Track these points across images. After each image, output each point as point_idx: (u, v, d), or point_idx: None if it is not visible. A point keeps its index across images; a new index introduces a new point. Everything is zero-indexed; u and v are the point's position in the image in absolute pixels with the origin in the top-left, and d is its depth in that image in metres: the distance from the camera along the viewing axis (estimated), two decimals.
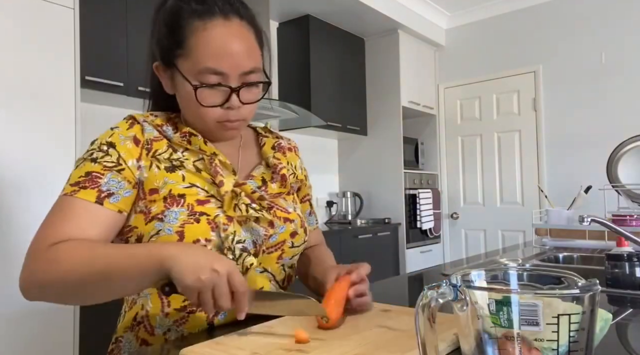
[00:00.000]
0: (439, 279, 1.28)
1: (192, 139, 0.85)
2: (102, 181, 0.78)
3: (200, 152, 0.86)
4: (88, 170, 0.78)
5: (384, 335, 0.68)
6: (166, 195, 0.80)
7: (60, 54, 1.91)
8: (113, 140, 0.81)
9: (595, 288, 0.42)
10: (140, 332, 0.83)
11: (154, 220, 0.79)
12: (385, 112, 4.04)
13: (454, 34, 4.37)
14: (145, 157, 0.82)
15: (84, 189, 0.77)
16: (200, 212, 0.80)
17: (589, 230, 1.79)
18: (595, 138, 3.57)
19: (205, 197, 0.82)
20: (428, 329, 0.45)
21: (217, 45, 0.78)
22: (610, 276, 1.06)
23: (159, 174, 0.81)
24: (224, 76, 0.79)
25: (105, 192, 0.77)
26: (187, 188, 0.82)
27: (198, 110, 0.82)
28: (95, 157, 0.80)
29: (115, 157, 0.80)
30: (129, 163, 0.80)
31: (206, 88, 0.79)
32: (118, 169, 0.79)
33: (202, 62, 0.78)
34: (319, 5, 3.48)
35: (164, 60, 0.84)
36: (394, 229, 3.87)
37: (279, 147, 0.99)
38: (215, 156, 0.85)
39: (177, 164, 0.83)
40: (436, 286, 0.45)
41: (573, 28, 3.73)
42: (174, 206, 0.80)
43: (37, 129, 1.83)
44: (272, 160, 0.94)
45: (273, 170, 0.93)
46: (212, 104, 0.81)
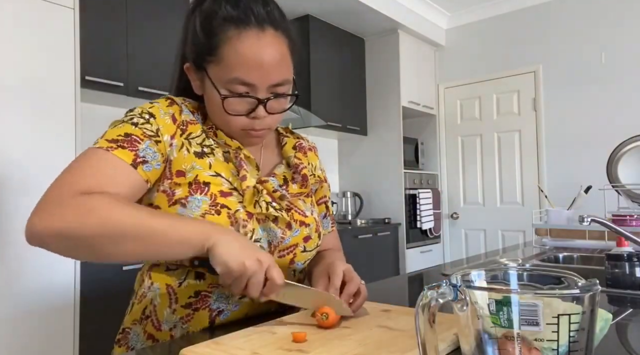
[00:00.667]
0: (439, 279, 1.28)
1: (218, 132, 0.87)
2: (141, 146, 0.77)
3: (225, 146, 0.87)
4: (128, 132, 0.78)
5: (384, 335, 0.68)
6: (192, 180, 0.80)
7: (60, 54, 1.91)
8: (154, 111, 0.82)
9: (595, 288, 0.42)
10: (147, 326, 0.83)
11: (177, 204, 0.79)
12: (385, 112, 4.04)
13: (454, 34, 4.37)
14: (179, 137, 0.82)
15: (122, 148, 0.76)
16: (222, 204, 0.80)
17: (589, 230, 1.79)
18: (595, 138, 3.57)
19: (229, 189, 0.82)
20: (428, 329, 0.45)
21: (249, 57, 0.78)
22: (610, 276, 1.06)
23: (188, 157, 0.82)
24: (252, 87, 0.79)
25: (141, 158, 0.77)
26: (213, 177, 0.82)
27: (223, 117, 0.83)
28: (137, 122, 0.79)
29: (155, 128, 0.80)
30: (165, 137, 0.80)
31: (233, 98, 0.80)
32: (156, 140, 0.79)
33: (232, 72, 0.78)
34: (319, 5, 3.48)
35: (196, 63, 0.84)
36: (394, 229, 3.87)
37: (300, 147, 0.99)
38: (240, 150, 0.86)
39: (208, 151, 0.84)
40: (436, 286, 0.45)
41: (573, 28, 3.73)
42: (197, 193, 0.80)
43: (37, 128, 1.83)
44: (293, 160, 0.95)
45: (294, 170, 0.94)
46: (238, 113, 0.82)
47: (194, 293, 0.82)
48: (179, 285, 0.83)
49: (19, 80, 1.79)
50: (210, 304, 0.82)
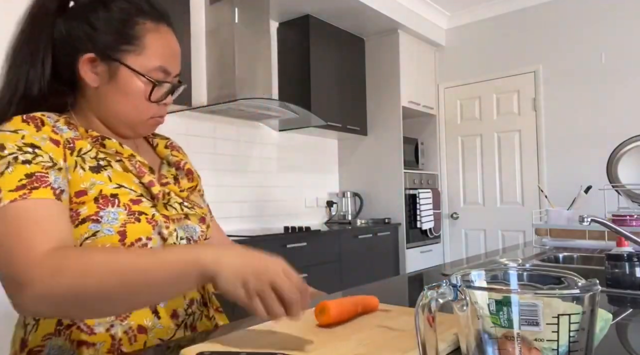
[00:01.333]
0: (439, 279, 1.28)
1: (105, 142, 0.82)
2: (50, 179, 0.72)
3: (117, 155, 0.84)
4: (27, 172, 0.70)
5: (384, 335, 0.68)
6: (97, 195, 0.77)
7: None
8: (30, 141, 0.74)
9: (595, 288, 0.42)
10: (74, 334, 0.75)
11: (87, 222, 0.75)
12: (385, 112, 4.04)
13: (454, 34, 4.37)
14: (70, 156, 0.77)
15: (35, 189, 0.69)
16: (138, 212, 0.79)
17: (589, 230, 1.79)
18: (595, 138, 3.57)
19: (137, 196, 0.81)
20: (428, 329, 0.45)
21: (171, 47, 0.86)
22: (610, 276, 1.06)
23: (85, 175, 0.77)
24: (168, 75, 0.86)
25: (58, 189, 0.72)
26: (117, 188, 0.79)
27: (140, 105, 0.84)
28: (25, 159, 0.71)
29: (48, 157, 0.74)
30: (60, 163, 0.75)
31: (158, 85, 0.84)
32: (57, 168, 0.74)
33: (156, 61, 0.83)
34: (319, 5, 3.48)
35: (104, 53, 0.81)
36: (394, 229, 3.87)
37: (172, 146, 1.02)
38: (133, 157, 0.85)
39: (104, 164, 0.80)
40: (436, 286, 0.45)
41: (573, 28, 3.73)
42: (108, 206, 0.77)
43: None
44: (172, 159, 0.97)
45: (177, 167, 0.96)
46: (159, 99, 0.86)
47: None
48: None
49: None
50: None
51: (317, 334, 0.69)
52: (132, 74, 0.82)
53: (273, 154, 3.69)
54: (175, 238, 0.82)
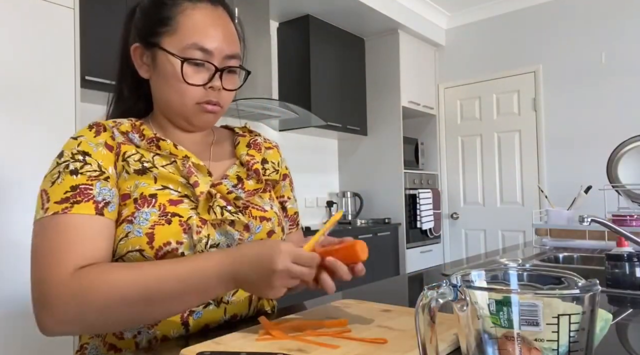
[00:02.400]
0: (439, 279, 1.28)
1: (160, 143, 0.82)
2: (94, 192, 0.73)
3: (171, 156, 0.83)
4: (73, 184, 0.73)
5: (384, 335, 0.68)
6: (137, 197, 0.77)
7: (60, 54, 1.91)
8: (84, 148, 0.77)
9: (595, 288, 0.42)
10: (107, 337, 0.78)
11: (123, 223, 0.76)
12: (385, 112, 4.04)
13: (454, 34, 4.37)
14: (118, 162, 0.79)
15: (77, 203, 0.71)
16: (172, 213, 0.77)
17: (589, 231, 1.79)
18: (595, 138, 3.57)
19: (178, 197, 0.79)
20: (428, 329, 0.45)
21: (205, 24, 0.81)
22: (610, 276, 1.06)
23: (129, 178, 0.78)
24: (209, 54, 0.81)
25: (102, 202, 0.74)
26: (160, 190, 0.79)
27: (180, 89, 0.81)
28: (74, 168, 0.74)
29: (96, 165, 0.76)
30: (109, 170, 0.77)
31: (191, 66, 0.80)
32: (104, 177, 0.76)
33: (189, 38, 0.79)
34: (319, 5, 3.48)
35: (145, 40, 0.83)
36: (394, 229, 3.87)
37: (254, 144, 0.97)
38: (187, 159, 0.83)
39: (149, 166, 0.80)
40: (436, 286, 0.45)
41: (573, 28, 3.73)
42: (144, 207, 0.76)
43: (37, 129, 1.83)
44: (244, 157, 0.92)
45: (247, 167, 0.91)
46: (196, 82, 0.81)
47: None
48: None
49: (18, 80, 1.79)
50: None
51: (318, 334, 0.69)
52: (165, 55, 0.80)
53: None
54: (203, 245, 0.78)
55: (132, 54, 0.85)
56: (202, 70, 0.81)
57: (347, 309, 0.82)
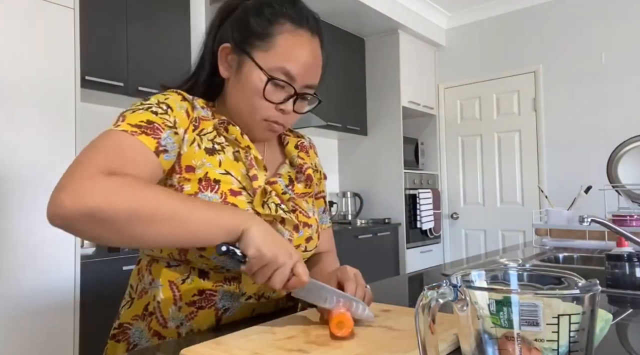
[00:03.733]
0: (439, 279, 1.28)
1: (229, 127, 0.86)
2: (162, 135, 0.76)
3: (235, 143, 0.86)
4: (150, 119, 0.76)
5: (384, 335, 0.68)
6: (202, 177, 0.80)
7: (60, 54, 1.91)
8: (170, 103, 0.81)
9: (595, 288, 0.42)
10: (152, 322, 0.82)
11: None
12: (385, 112, 4.04)
13: (454, 34, 4.37)
14: (191, 132, 0.82)
15: (146, 134, 0.75)
16: (232, 204, 0.80)
17: (589, 231, 1.79)
18: (595, 138, 3.57)
19: (239, 188, 0.82)
20: (428, 329, 0.45)
21: (299, 52, 0.84)
22: (610, 276, 1.06)
23: (199, 153, 0.81)
24: (292, 80, 0.83)
25: (163, 147, 0.76)
26: (223, 175, 0.82)
27: (255, 102, 0.83)
28: (156, 110, 0.78)
29: (173, 119, 0.79)
30: (180, 130, 0.80)
31: (274, 85, 0.83)
32: (175, 131, 0.79)
33: (280, 61, 0.82)
34: (319, 5, 3.47)
35: (239, 46, 0.84)
36: (394, 229, 3.87)
37: (302, 146, 1.00)
38: (249, 149, 0.86)
39: (218, 148, 0.84)
40: (436, 286, 0.45)
41: (573, 28, 3.73)
42: (208, 190, 0.79)
43: (37, 128, 1.83)
44: (297, 160, 0.96)
45: (298, 170, 0.95)
46: (273, 100, 0.83)
47: (198, 292, 0.82)
48: (182, 282, 0.82)
49: (18, 80, 1.79)
50: (215, 303, 0.82)
51: (317, 334, 0.69)
52: (253, 67, 0.82)
53: None
54: None
55: (220, 51, 0.86)
56: (281, 91, 0.84)
57: None
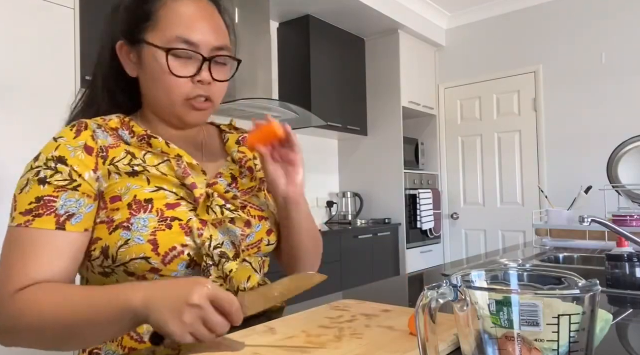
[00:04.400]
0: (439, 279, 1.28)
1: (152, 141, 0.80)
2: (58, 204, 0.71)
3: (163, 155, 0.80)
4: (38, 195, 0.71)
5: (384, 335, 0.68)
6: (130, 201, 0.74)
7: (60, 54, 1.91)
8: (60, 153, 0.74)
9: (595, 288, 0.42)
10: (125, 341, 0.77)
11: (118, 229, 0.73)
12: (385, 112, 4.04)
13: (454, 34, 4.37)
14: (102, 165, 0.76)
15: (39, 216, 0.70)
16: (171, 217, 0.75)
17: (589, 231, 1.79)
18: (595, 138, 3.57)
19: (175, 200, 0.77)
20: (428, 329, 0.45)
21: (188, 16, 0.78)
22: (610, 276, 1.06)
23: (120, 181, 0.76)
24: (195, 46, 0.78)
25: (64, 215, 0.71)
26: (154, 192, 0.76)
27: (167, 83, 0.78)
28: (44, 176, 0.72)
29: (67, 173, 0.73)
30: (86, 176, 0.74)
31: (177, 59, 0.78)
32: (73, 186, 0.73)
33: (172, 31, 0.77)
34: (319, 5, 3.48)
35: (129, 37, 0.80)
36: (394, 229, 3.87)
37: (244, 140, 0.95)
38: (180, 158, 0.81)
39: (140, 169, 0.77)
40: (436, 286, 0.45)
41: (573, 28, 3.73)
42: (140, 212, 0.74)
43: (37, 129, 1.83)
44: (236, 155, 0.91)
45: (239, 165, 0.90)
46: (183, 74, 0.78)
47: None
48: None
49: (18, 80, 1.79)
50: None
51: (318, 335, 0.69)
52: (151, 49, 0.78)
53: None
54: (207, 247, 0.76)
55: (118, 51, 0.83)
56: (190, 62, 0.79)
57: (347, 309, 0.82)
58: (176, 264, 0.75)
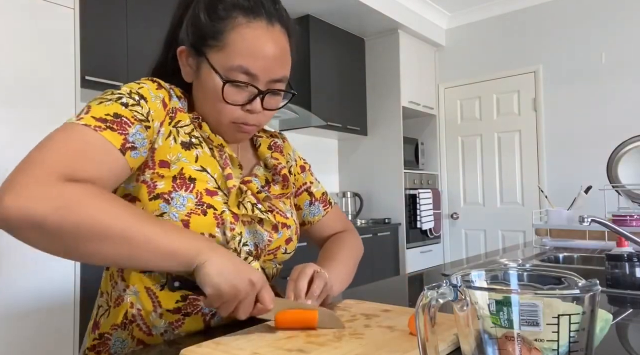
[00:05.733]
0: (439, 279, 1.28)
1: (203, 124, 0.82)
2: (131, 130, 0.70)
3: (208, 141, 0.82)
4: (117, 112, 0.70)
5: (384, 335, 0.68)
6: (176, 174, 0.75)
7: (60, 54, 1.91)
8: (144, 93, 0.75)
9: (595, 288, 0.42)
10: (135, 331, 0.78)
11: (159, 199, 0.74)
12: (385, 112, 4.04)
13: (454, 34, 4.37)
14: (167, 125, 0.77)
15: (111, 130, 0.69)
16: (208, 204, 0.76)
17: (589, 231, 1.80)
18: (595, 138, 3.57)
19: (214, 187, 0.78)
20: (428, 329, 0.45)
21: (255, 46, 0.76)
22: (610, 276, 1.06)
23: (174, 147, 0.77)
24: (253, 78, 0.77)
25: (130, 143, 0.70)
26: (199, 171, 0.77)
27: (218, 106, 0.78)
28: (126, 102, 0.72)
29: (146, 111, 0.74)
30: (155, 124, 0.75)
31: (234, 86, 0.77)
32: (146, 125, 0.73)
33: (236, 60, 0.75)
34: (319, 5, 3.48)
35: (194, 47, 0.79)
36: (394, 229, 3.87)
37: (275, 146, 0.96)
38: (223, 148, 0.82)
39: (196, 142, 0.80)
40: (436, 286, 0.45)
41: (573, 28, 3.73)
42: (182, 189, 0.75)
43: (37, 129, 1.83)
44: (271, 162, 0.91)
45: (274, 172, 0.91)
46: (235, 102, 0.78)
47: (181, 297, 0.78)
48: (161, 289, 0.78)
49: (18, 80, 1.79)
50: (201, 308, 0.79)
51: (318, 335, 0.69)
52: (210, 70, 0.77)
53: None
54: (237, 242, 0.77)
55: (179, 55, 0.82)
56: (244, 90, 0.78)
57: (347, 309, 0.82)
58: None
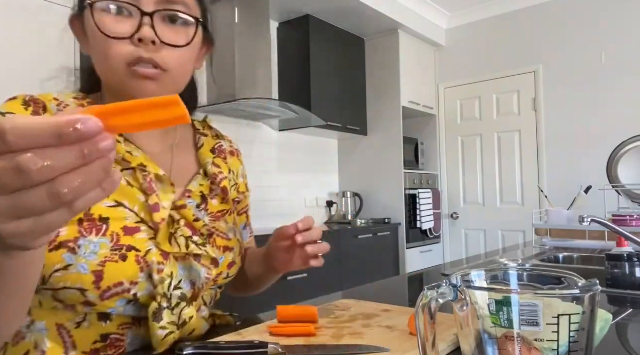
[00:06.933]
0: (439, 279, 1.28)
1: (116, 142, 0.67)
2: None
3: (125, 163, 0.67)
4: None
5: (384, 335, 0.68)
6: (82, 216, 0.62)
7: (61, 54, 1.91)
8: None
9: (595, 288, 0.42)
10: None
11: (61, 249, 0.60)
12: (385, 112, 4.04)
13: (454, 34, 4.37)
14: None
15: None
16: (128, 246, 0.63)
17: (589, 231, 1.79)
18: (595, 138, 3.57)
19: (135, 223, 0.65)
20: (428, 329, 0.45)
21: None
22: (610, 276, 1.06)
23: None
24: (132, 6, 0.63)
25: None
26: (112, 208, 0.64)
27: (104, 50, 0.64)
28: None
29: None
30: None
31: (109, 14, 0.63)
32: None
33: None
34: (319, 5, 3.48)
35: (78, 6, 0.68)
36: (394, 229, 3.87)
37: (220, 150, 0.83)
38: (145, 168, 0.68)
39: None
40: (436, 286, 0.45)
41: (573, 28, 3.73)
42: (92, 234, 0.62)
43: None
44: (211, 169, 0.78)
45: (212, 181, 0.78)
46: (118, 34, 0.63)
47: (100, 337, 0.66)
48: (77, 326, 0.65)
49: (18, 80, 1.79)
50: (125, 348, 0.67)
51: (318, 335, 0.69)
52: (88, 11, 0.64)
53: (273, 154, 3.69)
54: (167, 286, 0.65)
55: (72, 27, 0.71)
56: (128, 19, 0.64)
57: (347, 309, 0.82)
58: (115, 301, 0.64)
